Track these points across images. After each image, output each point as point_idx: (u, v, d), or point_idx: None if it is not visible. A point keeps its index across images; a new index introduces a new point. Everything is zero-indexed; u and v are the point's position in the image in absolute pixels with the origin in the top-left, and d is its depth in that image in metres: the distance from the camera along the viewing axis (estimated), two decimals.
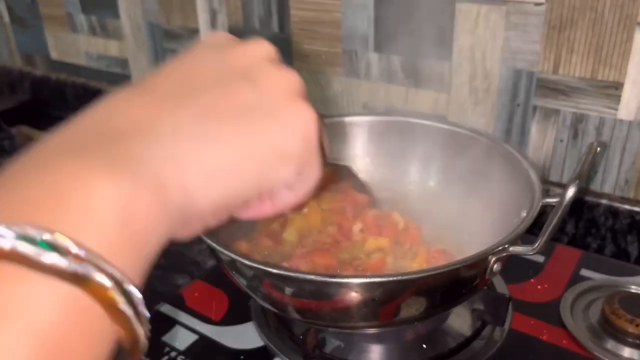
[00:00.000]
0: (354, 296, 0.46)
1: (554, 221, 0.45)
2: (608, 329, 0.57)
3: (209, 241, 0.48)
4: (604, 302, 0.59)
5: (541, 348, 0.56)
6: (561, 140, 0.75)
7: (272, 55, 0.31)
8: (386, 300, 0.47)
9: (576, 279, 0.65)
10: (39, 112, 1.29)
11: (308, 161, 0.29)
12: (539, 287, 0.64)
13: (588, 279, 0.65)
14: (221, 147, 0.26)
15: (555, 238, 0.77)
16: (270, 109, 0.28)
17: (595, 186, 0.75)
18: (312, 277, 0.47)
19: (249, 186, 0.27)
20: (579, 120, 0.73)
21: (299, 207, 0.59)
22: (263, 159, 0.27)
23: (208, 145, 0.25)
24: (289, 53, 0.92)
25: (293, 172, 0.29)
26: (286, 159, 0.28)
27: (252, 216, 0.31)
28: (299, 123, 0.29)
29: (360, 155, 0.72)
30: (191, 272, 0.73)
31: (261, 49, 0.31)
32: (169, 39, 1.05)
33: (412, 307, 0.48)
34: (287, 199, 0.31)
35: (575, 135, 0.74)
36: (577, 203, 0.74)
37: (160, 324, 0.61)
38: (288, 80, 0.30)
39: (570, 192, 0.45)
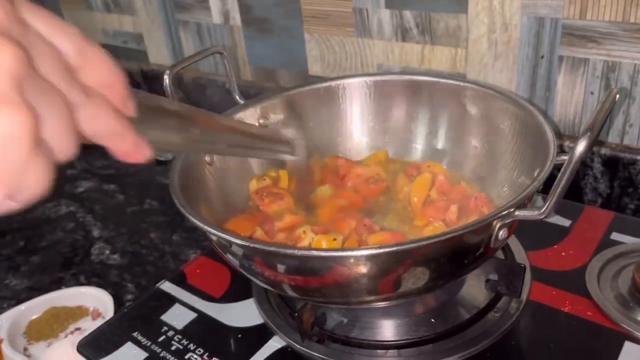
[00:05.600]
0: (346, 270, 0.42)
1: (564, 180, 0.40)
2: (639, 298, 0.51)
3: (195, 221, 0.45)
4: (634, 268, 0.53)
5: (562, 320, 0.51)
6: (592, 93, 0.68)
7: None
8: (382, 273, 0.43)
9: (606, 243, 0.59)
10: None
11: (20, 175, 0.22)
12: (562, 253, 0.59)
13: (619, 243, 0.59)
14: None
15: (587, 200, 0.71)
16: None
17: (630, 141, 0.68)
18: (300, 252, 0.44)
19: None
20: (611, 69, 0.66)
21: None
22: None
23: None
24: (298, 15, 0.87)
25: None
26: None
27: None
28: None
29: (367, 115, 0.68)
30: (206, 248, 0.71)
31: None
32: (180, 10, 1.02)
33: (413, 279, 0.44)
34: (6, 206, 0.23)
35: (607, 86, 0.67)
36: (612, 160, 0.68)
37: (160, 303, 0.59)
38: None
39: (581, 146, 0.39)
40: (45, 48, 0.24)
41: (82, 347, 0.55)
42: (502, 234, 0.44)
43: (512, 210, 0.43)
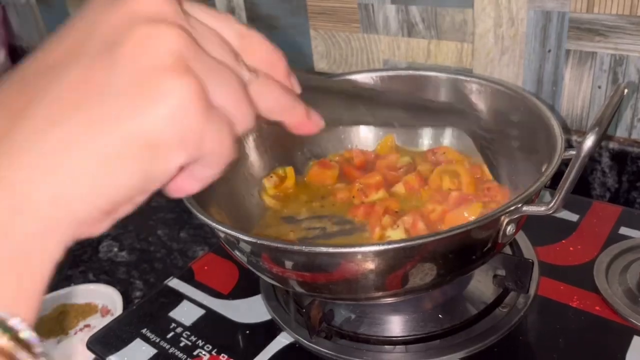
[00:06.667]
0: (354, 266, 0.42)
1: (572, 175, 0.40)
2: None
3: (203, 217, 0.45)
4: None
5: (570, 315, 0.51)
6: (599, 87, 0.68)
7: (161, 9, 0.24)
8: (390, 269, 0.43)
9: (614, 238, 0.59)
10: None
11: (199, 139, 0.23)
12: (570, 248, 0.58)
13: (628, 237, 0.59)
14: (79, 148, 0.22)
15: (595, 195, 0.71)
16: (128, 86, 0.22)
17: (639, 135, 0.68)
18: (308, 248, 0.43)
19: (128, 185, 0.23)
20: (618, 62, 0.65)
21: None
22: (129, 152, 0.22)
23: (65, 149, 0.21)
24: (304, 12, 0.87)
25: (182, 158, 0.23)
26: (159, 149, 0.23)
27: (177, 195, 0.27)
28: (166, 100, 0.22)
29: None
30: (213, 245, 0.72)
31: (147, 3, 0.24)
32: None
33: (421, 275, 0.44)
34: (205, 173, 0.26)
35: (615, 80, 0.67)
36: (620, 154, 0.67)
37: (168, 300, 0.59)
38: (161, 44, 0.23)
39: (589, 141, 0.39)
40: (209, 33, 0.26)
41: (91, 344, 0.55)
42: (509, 229, 0.44)
43: (519, 205, 0.43)
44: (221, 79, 0.25)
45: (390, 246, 0.40)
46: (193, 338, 0.54)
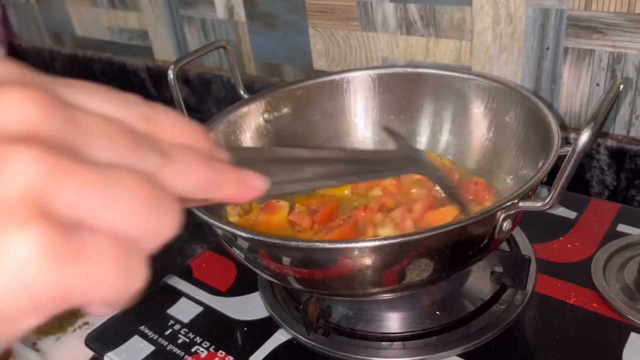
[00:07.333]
0: (351, 262, 0.43)
1: (568, 170, 0.40)
2: None
3: (200, 215, 0.45)
4: None
5: (568, 312, 0.51)
6: (597, 84, 0.68)
7: (21, 111, 0.18)
8: (387, 264, 0.43)
9: (612, 235, 0.59)
10: None
11: (61, 297, 0.18)
12: (568, 245, 0.59)
13: (625, 234, 0.59)
14: None
15: (593, 192, 0.71)
16: None
17: (637, 132, 0.68)
18: (305, 244, 0.43)
19: None
20: (616, 60, 0.65)
21: None
22: None
23: None
24: (303, 10, 0.87)
25: (35, 321, 0.18)
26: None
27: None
28: (5, 260, 0.16)
29: (372, 108, 0.68)
30: (212, 242, 0.72)
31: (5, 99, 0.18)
32: (185, 6, 1.03)
33: (417, 271, 0.44)
34: (103, 311, 0.20)
35: (613, 77, 0.67)
36: (618, 152, 0.67)
37: (166, 297, 0.59)
38: (8, 174, 0.17)
39: (585, 136, 0.39)
40: (100, 125, 0.20)
41: (90, 341, 0.55)
42: (506, 225, 0.44)
43: (516, 201, 0.43)
44: (108, 193, 0.19)
45: (386, 242, 0.40)
46: (191, 335, 0.54)
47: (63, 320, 0.65)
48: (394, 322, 0.53)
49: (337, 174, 0.39)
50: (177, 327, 0.55)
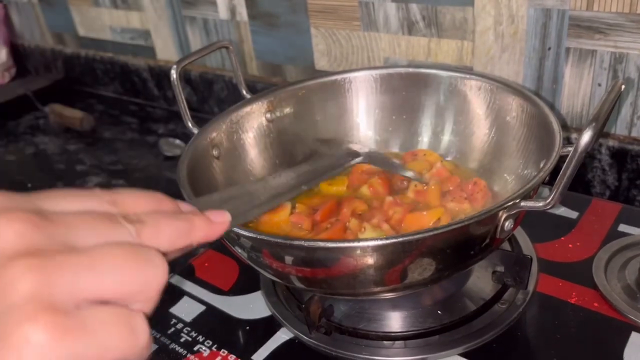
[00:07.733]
0: (353, 261, 0.43)
1: (569, 170, 0.40)
2: None
3: None
4: None
5: (569, 311, 0.51)
6: (599, 84, 0.68)
7: (17, 229, 0.22)
8: (389, 264, 0.43)
9: (613, 235, 0.59)
10: (71, 89, 1.30)
11: None
12: (570, 245, 0.59)
13: (627, 234, 0.59)
14: None
15: (595, 192, 0.71)
16: None
17: (638, 133, 0.68)
18: (307, 243, 0.44)
19: None
20: (618, 60, 0.66)
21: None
22: None
23: None
24: (305, 10, 0.88)
25: None
26: None
27: None
28: (21, 353, 0.20)
29: (374, 108, 0.68)
30: (214, 242, 0.72)
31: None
32: (187, 6, 1.03)
33: (419, 270, 0.44)
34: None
35: (615, 78, 0.67)
36: (620, 152, 0.67)
37: (169, 296, 0.60)
38: (11, 288, 0.21)
39: (586, 136, 0.39)
40: (76, 220, 0.24)
41: None
42: (508, 224, 0.44)
43: (517, 201, 0.43)
44: (97, 269, 0.22)
45: (388, 241, 0.41)
46: (193, 334, 0.54)
47: None
48: (395, 321, 0.53)
49: (286, 190, 0.47)
50: (179, 325, 0.56)
